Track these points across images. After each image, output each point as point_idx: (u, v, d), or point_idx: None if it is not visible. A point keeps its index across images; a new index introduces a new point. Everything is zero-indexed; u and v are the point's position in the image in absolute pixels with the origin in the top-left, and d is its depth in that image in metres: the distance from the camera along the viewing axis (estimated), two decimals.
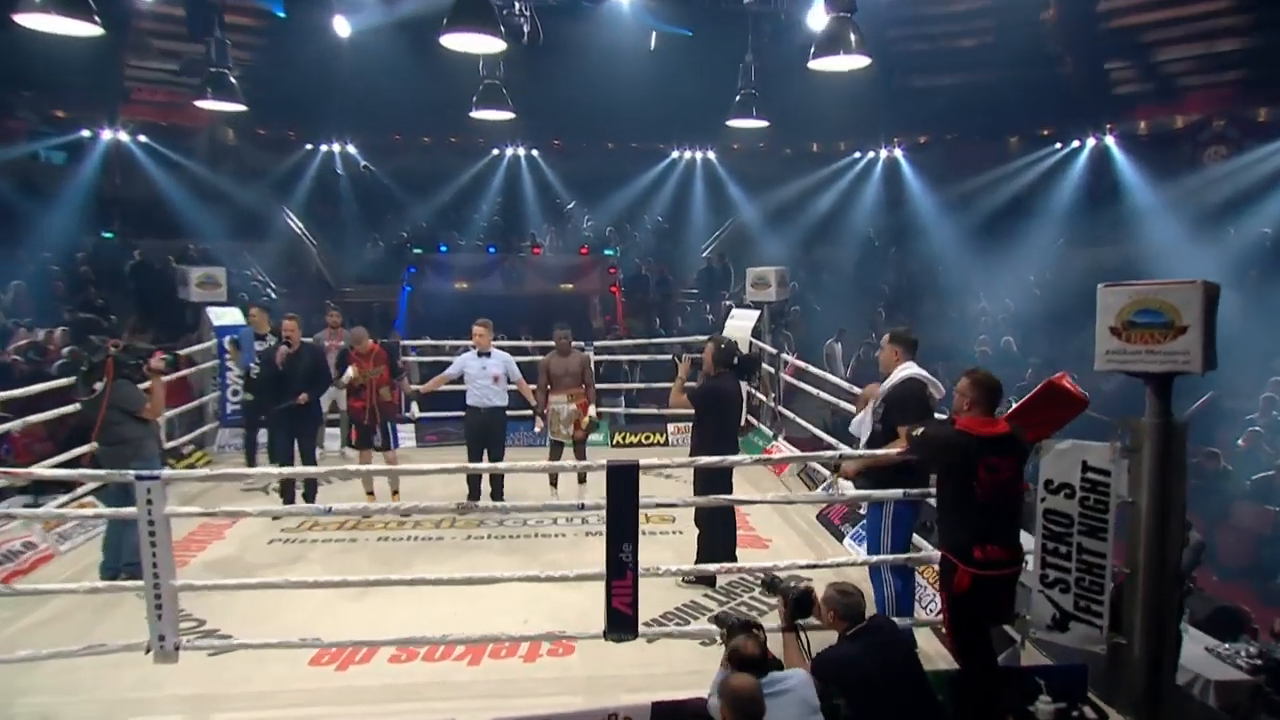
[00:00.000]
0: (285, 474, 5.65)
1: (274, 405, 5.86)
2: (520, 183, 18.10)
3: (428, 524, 5.79)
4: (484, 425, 5.96)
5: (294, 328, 5.89)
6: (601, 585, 4.46)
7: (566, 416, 6.23)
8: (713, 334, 5.33)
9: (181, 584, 3.33)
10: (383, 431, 5.89)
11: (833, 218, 16.11)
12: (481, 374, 6.10)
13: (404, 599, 4.51)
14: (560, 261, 15.73)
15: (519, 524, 5.81)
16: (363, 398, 5.95)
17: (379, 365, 5.98)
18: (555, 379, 6.21)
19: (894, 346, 4.03)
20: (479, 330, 6.13)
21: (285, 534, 5.62)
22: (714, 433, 4.60)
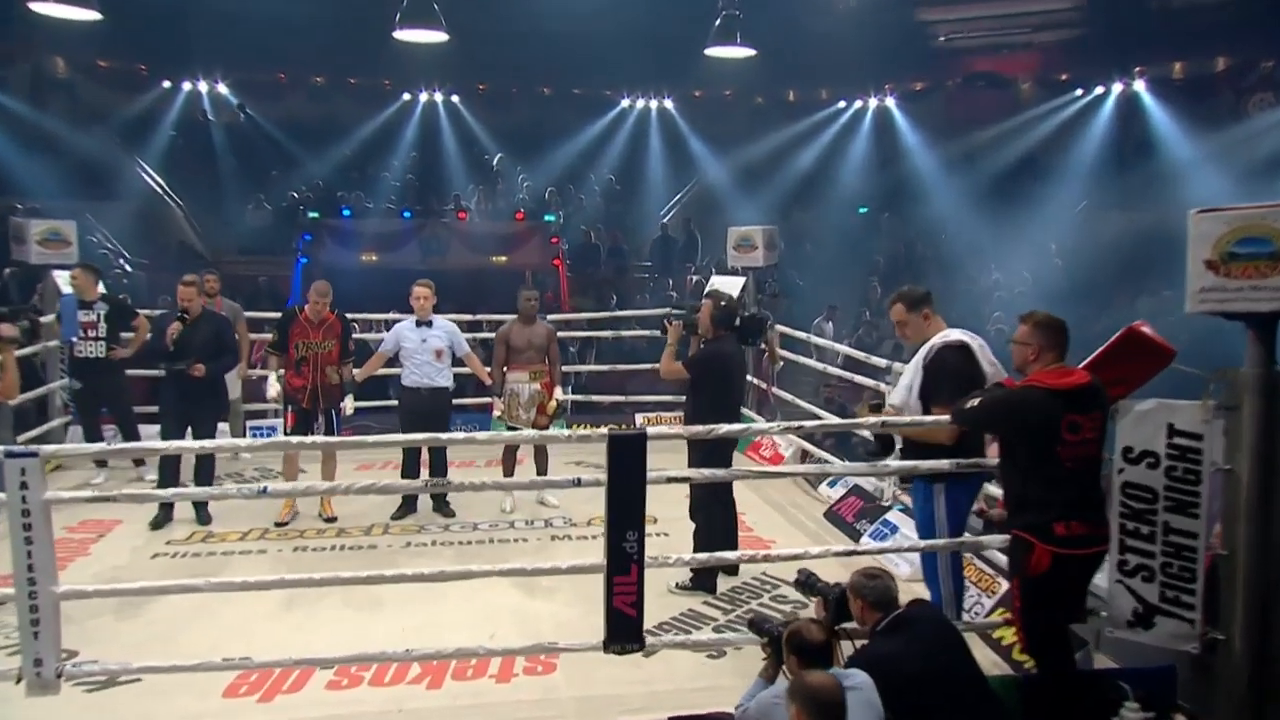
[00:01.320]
0: (189, 447, 5.36)
1: (165, 392, 5.64)
2: (439, 134, 17.80)
3: (355, 530, 5.72)
4: (424, 413, 5.79)
5: (193, 295, 5.63)
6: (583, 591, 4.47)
7: (528, 399, 6.13)
8: (710, 290, 5.31)
9: (67, 591, 3.09)
10: (325, 420, 5.73)
11: (814, 179, 16.33)
12: (421, 348, 5.94)
13: (337, 616, 4.44)
14: (491, 229, 15.51)
15: (468, 528, 5.79)
16: (304, 374, 5.75)
17: (329, 340, 5.81)
18: (515, 352, 6.11)
19: (916, 310, 3.98)
20: (420, 292, 5.98)
21: (173, 546, 5.42)
22: (714, 403, 4.57)
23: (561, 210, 16.14)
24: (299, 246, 14.77)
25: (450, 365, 6.08)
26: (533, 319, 6.18)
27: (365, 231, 15.04)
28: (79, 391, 6.45)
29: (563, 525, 5.85)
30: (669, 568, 3.85)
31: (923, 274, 13.06)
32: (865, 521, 5.63)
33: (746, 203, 15.51)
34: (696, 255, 15.18)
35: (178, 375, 5.57)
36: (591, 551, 3.70)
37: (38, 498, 2.98)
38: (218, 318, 6.03)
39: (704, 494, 4.74)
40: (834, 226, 15.10)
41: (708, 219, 15.87)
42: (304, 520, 5.84)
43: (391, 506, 6.02)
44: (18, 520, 2.98)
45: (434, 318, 6.04)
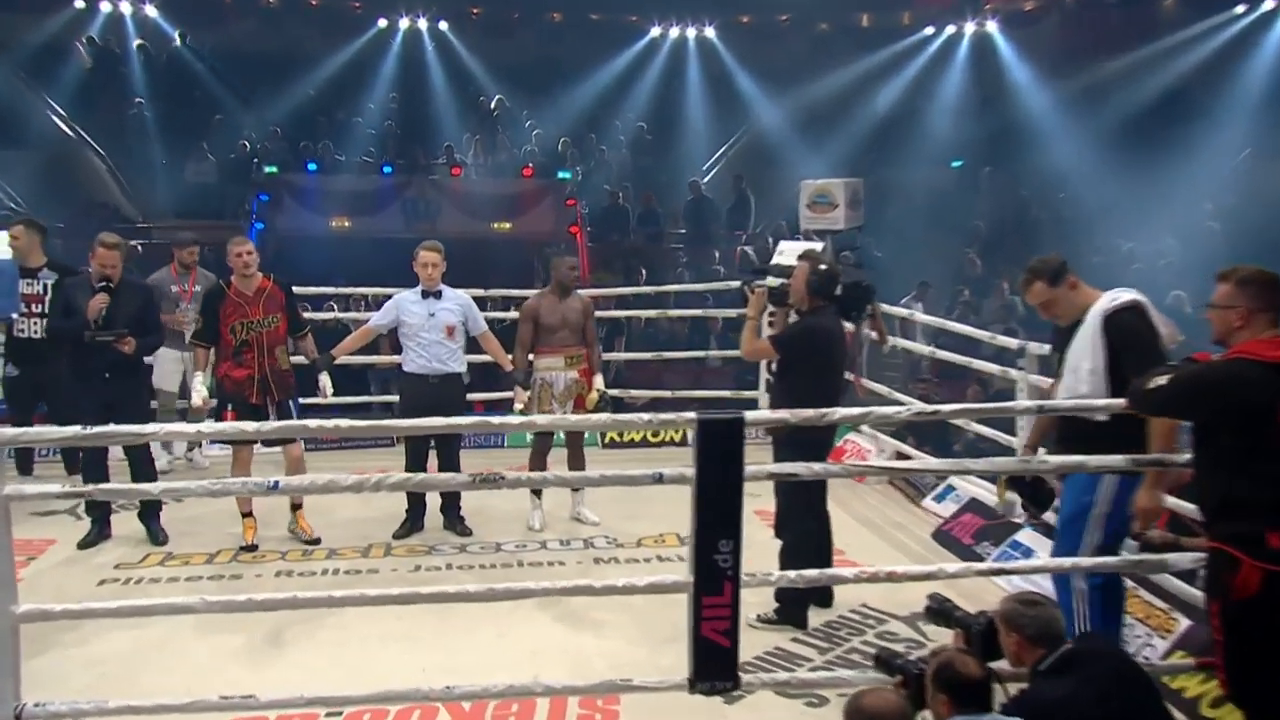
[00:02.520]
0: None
1: (74, 383, 5.66)
2: (424, 71, 17.92)
3: (350, 551, 5.76)
4: (433, 406, 5.71)
5: (117, 261, 5.61)
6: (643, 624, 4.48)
7: (563, 390, 6.14)
8: (807, 251, 5.30)
9: (29, 611, 3.10)
10: (280, 416, 5.71)
11: (895, 125, 16.28)
12: (428, 325, 5.95)
13: (338, 655, 4.45)
14: (492, 189, 15.72)
15: (490, 549, 5.84)
16: (247, 363, 5.72)
17: (273, 314, 5.78)
18: (547, 331, 6.11)
19: (1059, 283, 3.93)
20: (428, 258, 5.98)
21: (124, 570, 5.47)
22: (811, 390, 4.53)
23: (579, 166, 16.23)
24: (253, 210, 15.04)
25: (464, 347, 6.10)
26: (569, 290, 6.18)
27: (336, 191, 15.29)
28: (14, 380, 6.47)
29: (606, 546, 5.87)
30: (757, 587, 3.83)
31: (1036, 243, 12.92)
32: (988, 543, 5.60)
33: (809, 155, 15.50)
34: (748, 220, 15.19)
35: (96, 355, 5.54)
36: (644, 577, 3.71)
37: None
38: (143, 289, 6.03)
39: (796, 504, 4.72)
40: (920, 185, 15.05)
41: (761, 175, 15.92)
42: (279, 540, 5.87)
43: (391, 524, 6.05)
44: None
45: (444, 288, 6.05)
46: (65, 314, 5.61)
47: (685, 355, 10.12)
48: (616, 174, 16.35)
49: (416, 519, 6.07)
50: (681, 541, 5.83)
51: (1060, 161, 14.31)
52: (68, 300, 5.62)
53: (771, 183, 16.03)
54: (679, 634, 4.28)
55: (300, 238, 15.14)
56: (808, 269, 4.84)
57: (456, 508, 6.13)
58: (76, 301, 5.57)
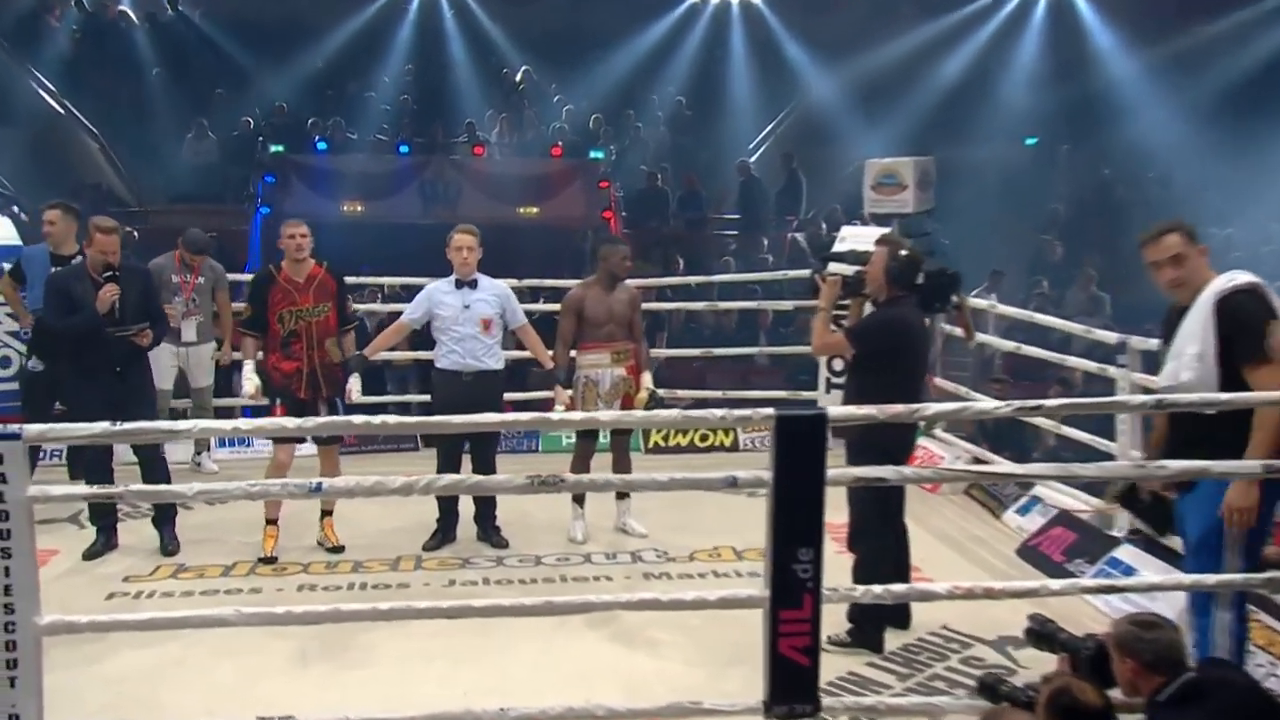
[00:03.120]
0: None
1: (80, 380, 5.77)
2: (443, 40, 18.03)
3: (377, 564, 5.85)
4: (467, 406, 5.76)
5: (115, 246, 5.71)
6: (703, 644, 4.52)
7: (610, 388, 6.20)
8: (886, 234, 5.31)
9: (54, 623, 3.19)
10: (329, 413, 5.82)
11: (963, 98, 16.21)
12: (463, 318, 6.02)
13: (370, 675, 4.51)
14: (517, 170, 15.82)
15: (529, 562, 5.91)
16: (295, 354, 5.84)
17: (323, 302, 5.90)
18: (592, 325, 6.16)
19: (1195, 243, 3.91)
20: (462, 241, 6.05)
21: (134, 584, 5.56)
22: (891, 387, 4.51)
23: (613, 145, 16.30)
24: (258, 192, 15.22)
25: (501, 342, 6.17)
26: (620, 279, 6.24)
27: (347, 172, 15.42)
28: (37, 376, 6.54)
29: (656, 560, 5.92)
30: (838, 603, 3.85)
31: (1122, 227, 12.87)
32: (1082, 561, 5.59)
33: (866, 132, 15.51)
34: (800, 204, 15.18)
35: (107, 350, 5.64)
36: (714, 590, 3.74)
37: (19, 494, 3.06)
38: (142, 273, 6.13)
39: (872, 514, 4.72)
40: (991, 164, 15.00)
41: (813, 155, 15.90)
42: (300, 551, 5.96)
43: (420, 534, 6.12)
44: None
45: (480, 277, 6.11)
46: (66, 308, 5.68)
47: (732, 352, 10.14)
48: (654, 153, 16.39)
49: (448, 529, 6.14)
50: (739, 556, 5.94)
51: (1148, 137, 14.22)
52: (66, 293, 5.69)
53: (824, 163, 16.05)
54: (742, 655, 4.35)
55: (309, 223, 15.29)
56: (887, 254, 4.84)
57: (492, 517, 6.19)
58: (75, 293, 5.66)
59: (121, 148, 15.82)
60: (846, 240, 8.24)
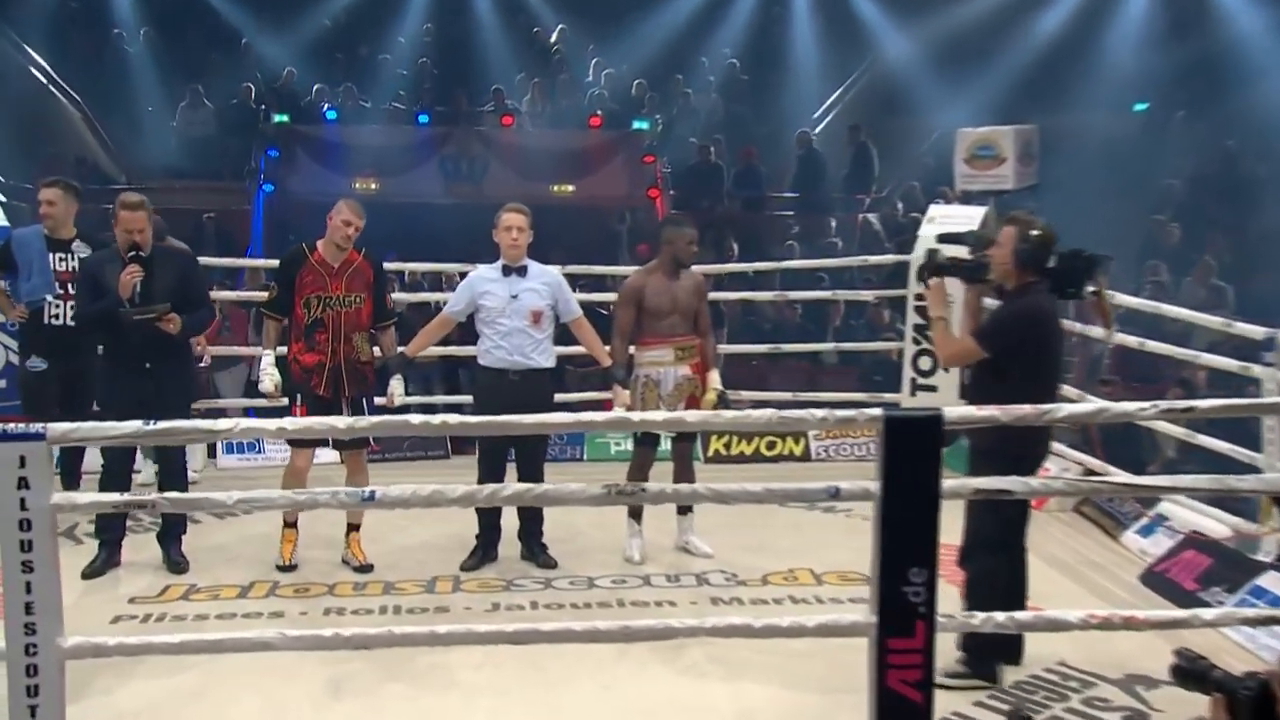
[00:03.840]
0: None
1: (107, 375, 5.88)
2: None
3: (410, 585, 5.88)
4: (514, 408, 5.80)
5: (142, 223, 5.77)
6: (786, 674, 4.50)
7: (673, 389, 6.21)
8: (1015, 213, 5.21)
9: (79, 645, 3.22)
10: (350, 413, 5.85)
11: (1060, 59, 16.04)
12: (510, 309, 6.05)
13: (410, 710, 4.52)
14: (552, 143, 15.83)
15: (581, 585, 5.93)
16: (320, 347, 5.88)
17: (357, 292, 5.96)
18: (653, 317, 6.18)
19: None
20: (512, 221, 6.09)
21: (141, 605, 5.61)
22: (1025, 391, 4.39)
23: (659, 114, 16.31)
24: (259, 167, 15.37)
25: (552, 336, 6.21)
26: (686, 264, 6.26)
27: (359, 145, 15.53)
28: (40, 375, 6.61)
29: (725, 583, 5.92)
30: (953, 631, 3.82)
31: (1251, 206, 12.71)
32: (1219, 589, 5.52)
33: (948, 99, 15.42)
34: (871, 180, 15.13)
35: (134, 340, 5.71)
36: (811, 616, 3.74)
37: (42, 501, 3.11)
38: (182, 257, 6.24)
39: (991, 530, 4.65)
40: (1094, 134, 14.84)
41: (886, 125, 15.82)
42: (325, 570, 6.02)
43: (457, 552, 6.16)
44: (12, 535, 3.12)
45: (530, 263, 6.15)
46: (94, 295, 5.79)
47: (802, 349, 10.13)
48: (705, 124, 16.36)
49: (489, 547, 6.17)
50: (818, 579, 5.96)
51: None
52: (95, 279, 5.81)
53: (899, 134, 16.00)
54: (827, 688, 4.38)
55: (317, 202, 15.25)
56: (1016, 234, 4.74)
57: (539, 534, 6.21)
58: (105, 279, 5.74)
59: (107, 118, 15.99)
60: (936, 221, 8.23)
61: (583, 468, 8.12)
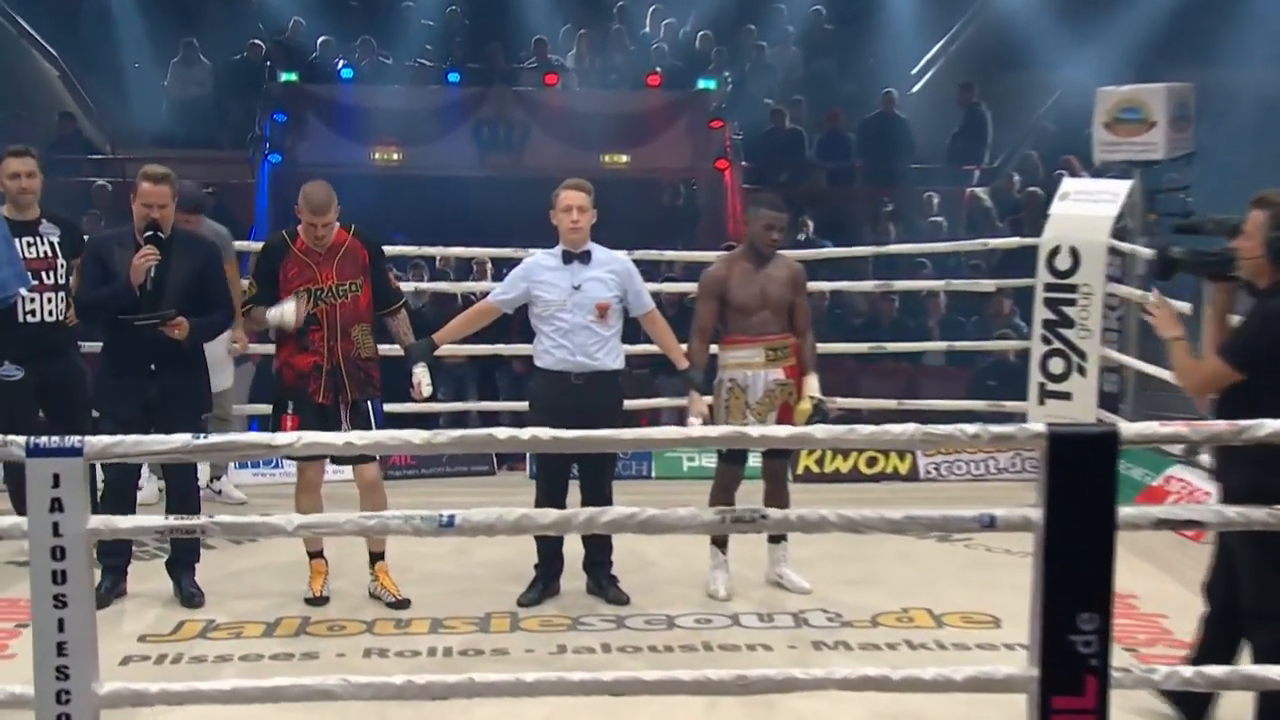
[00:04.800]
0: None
1: (109, 377, 5.95)
2: None
3: (461, 623, 5.90)
4: (576, 416, 5.77)
5: (166, 198, 5.84)
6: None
7: (763, 395, 6.21)
8: (1264, 194, 5.02)
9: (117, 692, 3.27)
10: (356, 422, 5.94)
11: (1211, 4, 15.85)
12: (573, 301, 6.07)
13: None
14: (604, 105, 15.88)
15: (659, 624, 5.92)
16: (314, 346, 5.93)
17: (351, 279, 5.99)
18: (739, 312, 6.20)
19: None
20: (573, 200, 6.10)
21: (153, 644, 5.66)
22: None
23: (728, 72, 16.31)
24: (265, 134, 15.50)
25: (620, 334, 6.23)
26: (774, 250, 6.26)
27: (379, 108, 15.65)
28: (14, 386, 6.54)
29: (827, 624, 5.90)
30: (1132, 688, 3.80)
31: None
32: None
33: (1074, 51, 15.33)
34: (983, 148, 15.04)
35: (139, 338, 5.79)
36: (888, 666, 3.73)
37: (77, 525, 3.16)
38: (204, 246, 6.28)
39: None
40: (1250, 93, 14.67)
41: (996, 83, 15.74)
42: (359, 605, 6.07)
43: (509, 585, 6.19)
44: (44, 565, 3.17)
45: (594, 248, 6.18)
46: (99, 281, 5.85)
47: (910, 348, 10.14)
48: (783, 83, 16.38)
49: (550, 579, 6.18)
50: (938, 621, 5.93)
51: None
52: (103, 261, 5.86)
53: (1012, 94, 15.91)
54: None
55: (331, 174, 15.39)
56: (1267, 220, 4.63)
57: (607, 564, 6.22)
58: (115, 262, 5.82)
59: (89, 76, 16.14)
60: (1070, 197, 8.20)
61: (650, 486, 8.15)
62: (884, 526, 3.42)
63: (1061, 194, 8.33)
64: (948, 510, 3.77)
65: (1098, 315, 7.79)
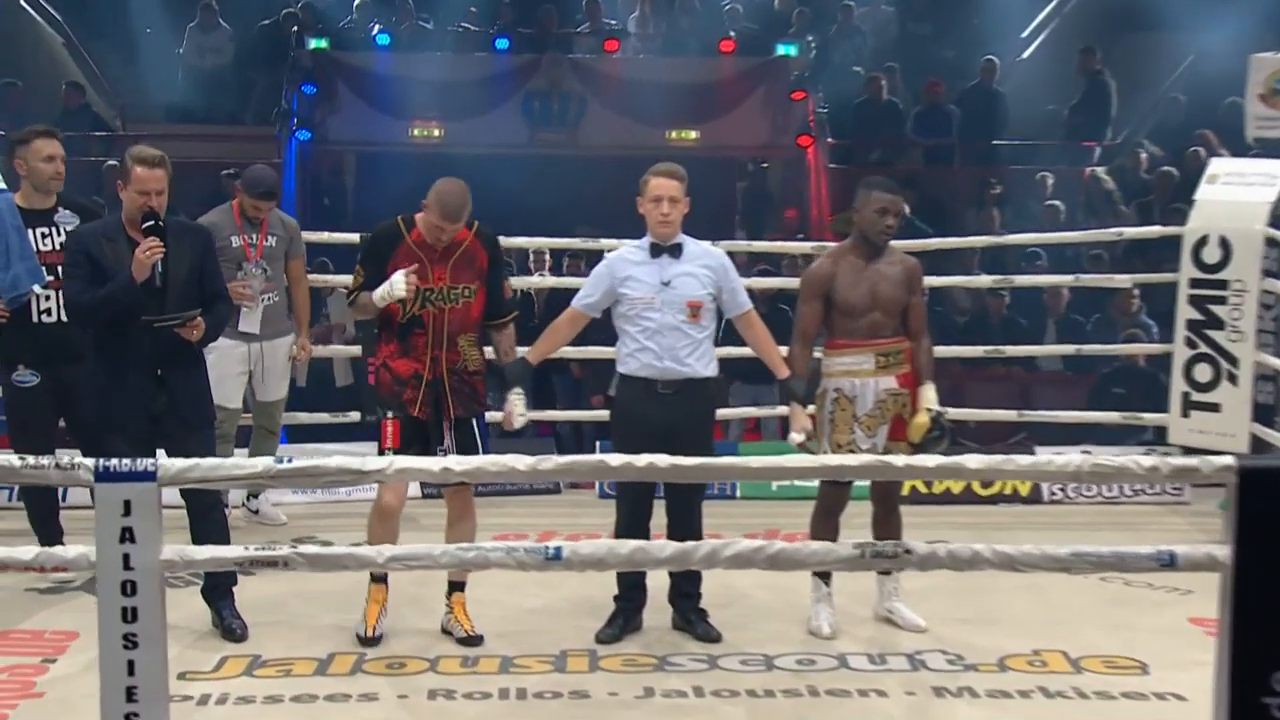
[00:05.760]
0: None
1: (108, 383, 5.97)
2: None
3: (535, 663, 5.91)
4: (667, 429, 5.89)
5: (162, 184, 5.85)
6: None
7: (873, 406, 6.21)
8: None
9: None
10: (460, 441, 5.99)
11: None
12: (663, 299, 6.10)
13: None
14: (670, 74, 15.92)
15: (757, 665, 5.91)
16: (416, 352, 5.96)
17: (467, 283, 6.01)
18: (846, 314, 6.20)
19: None
20: (664, 187, 6.11)
21: (196, 682, 5.66)
22: None
23: (811, 36, 16.26)
24: (292, 108, 15.59)
25: (713, 336, 6.23)
26: (890, 238, 6.26)
27: (419, 79, 15.69)
28: (29, 392, 6.68)
29: (948, 668, 5.87)
30: None
31: None
32: None
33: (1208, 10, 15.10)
34: (1106, 123, 14.93)
35: (145, 340, 5.82)
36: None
37: (150, 557, 3.21)
38: (200, 233, 6.31)
39: None
40: None
41: (1120, 48, 15.64)
42: (420, 640, 6.10)
43: (585, 619, 6.21)
44: (114, 601, 3.22)
45: (686, 240, 6.20)
46: (90, 280, 5.84)
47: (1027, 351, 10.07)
48: (875, 48, 16.34)
49: (632, 613, 6.20)
50: (1075, 666, 5.89)
51: None
52: (91, 258, 5.86)
53: (1136, 60, 15.79)
54: None
55: (365, 153, 15.56)
56: None
57: (696, 596, 6.23)
58: (104, 258, 5.84)
59: (96, 43, 16.32)
60: (1219, 180, 8.12)
61: (735, 507, 8.17)
62: (1048, 565, 3.39)
63: (1209, 176, 8.26)
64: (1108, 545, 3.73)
65: (1252, 315, 7.70)
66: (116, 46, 16.20)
